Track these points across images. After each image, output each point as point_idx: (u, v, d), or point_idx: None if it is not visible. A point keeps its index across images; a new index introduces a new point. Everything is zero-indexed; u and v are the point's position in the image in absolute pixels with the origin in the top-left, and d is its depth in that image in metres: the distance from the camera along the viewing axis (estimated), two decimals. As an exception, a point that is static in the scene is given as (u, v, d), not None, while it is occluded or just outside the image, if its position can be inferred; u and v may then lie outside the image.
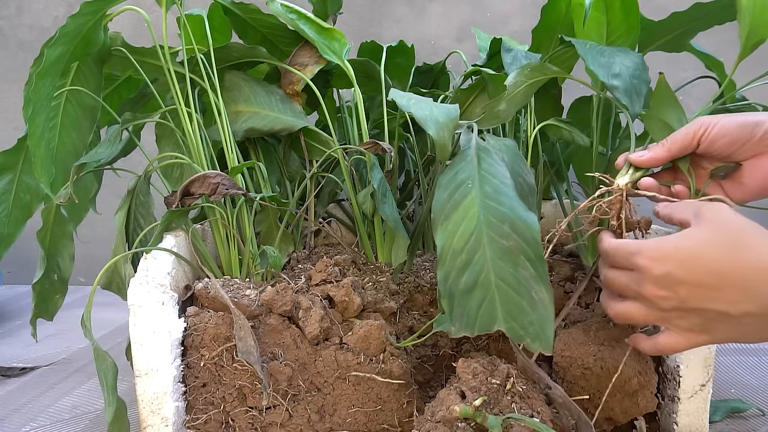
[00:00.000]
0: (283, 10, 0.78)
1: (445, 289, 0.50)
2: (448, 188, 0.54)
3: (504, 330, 0.47)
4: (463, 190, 0.53)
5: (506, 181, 0.53)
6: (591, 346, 0.60)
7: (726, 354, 0.91)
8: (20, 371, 0.90)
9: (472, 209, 0.51)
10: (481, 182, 0.53)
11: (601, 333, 0.61)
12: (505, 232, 0.49)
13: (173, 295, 0.58)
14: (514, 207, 0.51)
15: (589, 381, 0.60)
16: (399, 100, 0.62)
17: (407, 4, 1.36)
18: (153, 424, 0.56)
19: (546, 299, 0.47)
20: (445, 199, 0.54)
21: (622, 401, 0.60)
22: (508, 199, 0.51)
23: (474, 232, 0.50)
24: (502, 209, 0.51)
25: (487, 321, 0.48)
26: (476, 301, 0.48)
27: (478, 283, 0.49)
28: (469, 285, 0.49)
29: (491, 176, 0.54)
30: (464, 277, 0.49)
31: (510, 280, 0.48)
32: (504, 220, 0.50)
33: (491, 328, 0.48)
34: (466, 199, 0.52)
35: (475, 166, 0.55)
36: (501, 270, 0.48)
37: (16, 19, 1.40)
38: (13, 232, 0.73)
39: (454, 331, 0.49)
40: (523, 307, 0.47)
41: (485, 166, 0.55)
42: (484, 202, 0.51)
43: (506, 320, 0.47)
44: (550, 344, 0.46)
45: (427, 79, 1.01)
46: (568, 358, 0.60)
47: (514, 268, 0.48)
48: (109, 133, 0.71)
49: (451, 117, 0.59)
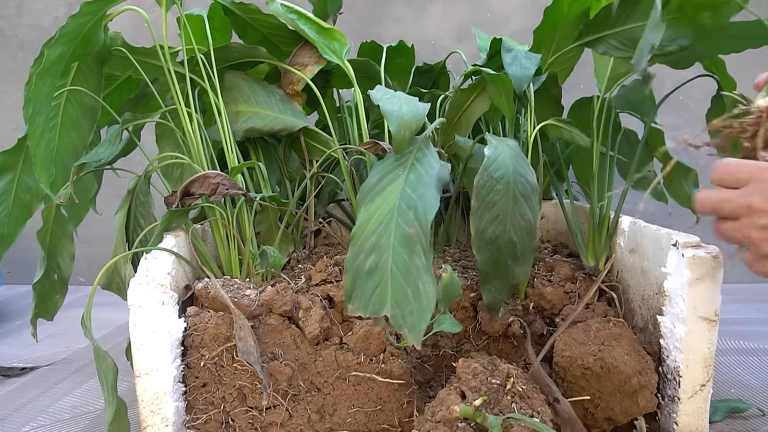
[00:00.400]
0: (283, 10, 0.78)
1: (352, 267, 0.50)
2: (380, 173, 0.56)
3: (389, 316, 0.48)
4: (392, 176, 0.55)
5: (431, 171, 0.54)
6: (591, 346, 0.60)
7: (726, 354, 0.91)
8: (20, 371, 0.90)
9: (393, 194, 0.53)
10: (410, 171, 0.54)
11: (602, 333, 0.61)
12: (410, 219, 0.50)
13: (173, 295, 0.58)
14: (424, 195, 0.51)
15: (589, 381, 0.60)
16: (373, 95, 0.63)
17: (407, 4, 1.36)
18: (153, 424, 0.56)
19: (430, 291, 0.47)
20: (374, 183, 0.55)
21: (622, 401, 0.60)
22: (423, 186, 0.52)
23: (386, 217, 0.51)
24: (413, 196, 0.51)
25: (379, 305, 0.49)
26: (373, 283, 0.49)
27: (378, 266, 0.49)
28: (371, 267, 0.50)
29: (420, 165, 0.55)
30: (370, 259, 0.50)
31: (403, 267, 0.49)
32: (411, 206, 0.51)
33: (380, 313, 0.48)
34: (392, 184, 0.54)
35: (411, 156, 0.56)
36: (398, 256, 0.49)
37: (16, 19, 1.40)
38: (13, 232, 0.73)
39: (350, 310, 0.50)
40: (408, 296, 0.48)
41: (419, 156, 0.56)
42: (403, 189, 0.52)
43: (392, 307, 0.48)
44: (419, 337, 0.46)
45: (427, 79, 1.01)
46: (568, 358, 0.60)
47: (410, 256, 0.49)
48: (109, 133, 0.71)
49: (417, 116, 0.59)
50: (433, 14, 1.36)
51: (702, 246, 0.58)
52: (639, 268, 0.68)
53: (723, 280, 0.56)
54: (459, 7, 1.36)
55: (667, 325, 0.60)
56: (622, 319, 0.64)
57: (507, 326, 0.69)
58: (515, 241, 0.61)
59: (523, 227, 0.61)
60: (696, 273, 0.56)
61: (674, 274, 0.58)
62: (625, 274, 0.72)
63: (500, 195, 0.60)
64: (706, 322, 0.56)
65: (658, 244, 0.62)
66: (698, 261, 0.56)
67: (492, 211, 0.60)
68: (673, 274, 0.59)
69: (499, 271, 0.62)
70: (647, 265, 0.66)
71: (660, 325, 0.61)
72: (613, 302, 0.70)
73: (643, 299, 0.67)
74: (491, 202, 0.60)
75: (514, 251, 0.61)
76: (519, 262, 0.63)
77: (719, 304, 0.56)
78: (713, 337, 0.57)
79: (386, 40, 0.95)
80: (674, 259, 0.58)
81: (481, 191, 0.60)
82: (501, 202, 0.60)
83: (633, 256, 0.69)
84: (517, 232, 0.61)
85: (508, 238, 0.61)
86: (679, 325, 0.57)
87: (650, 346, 0.63)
